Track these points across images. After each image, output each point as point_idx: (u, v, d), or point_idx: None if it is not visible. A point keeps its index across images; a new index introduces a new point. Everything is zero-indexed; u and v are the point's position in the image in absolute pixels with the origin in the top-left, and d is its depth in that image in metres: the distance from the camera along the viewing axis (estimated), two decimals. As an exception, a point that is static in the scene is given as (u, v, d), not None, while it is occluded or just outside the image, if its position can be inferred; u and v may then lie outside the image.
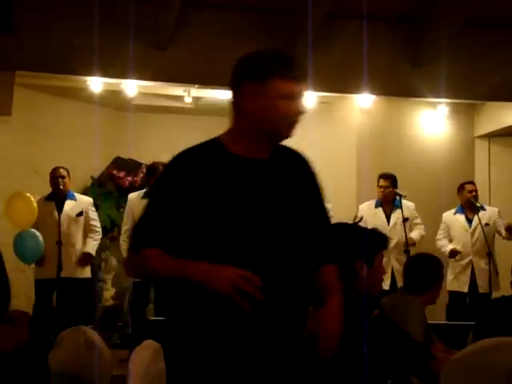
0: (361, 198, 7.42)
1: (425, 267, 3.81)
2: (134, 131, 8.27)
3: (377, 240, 2.83)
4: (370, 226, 6.95)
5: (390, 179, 6.80)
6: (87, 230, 6.57)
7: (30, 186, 7.02)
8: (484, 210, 6.92)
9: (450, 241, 6.96)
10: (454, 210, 7.01)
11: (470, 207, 6.88)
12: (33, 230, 6.22)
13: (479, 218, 6.68)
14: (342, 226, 2.91)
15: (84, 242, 6.55)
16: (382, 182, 6.82)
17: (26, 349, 2.03)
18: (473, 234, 6.80)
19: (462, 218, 6.91)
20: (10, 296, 2.10)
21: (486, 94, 7.22)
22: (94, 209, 6.72)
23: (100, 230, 6.70)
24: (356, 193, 7.82)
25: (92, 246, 6.56)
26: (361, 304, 2.71)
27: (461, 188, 6.97)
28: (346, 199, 7.52)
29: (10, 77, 6.93)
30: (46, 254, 6.23)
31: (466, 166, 8.27)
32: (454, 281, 6.85)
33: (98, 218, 6.72)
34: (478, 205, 6.84)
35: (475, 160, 8.41)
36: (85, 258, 6.51)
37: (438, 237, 6.98)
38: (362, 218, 3.28)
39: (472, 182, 7.11)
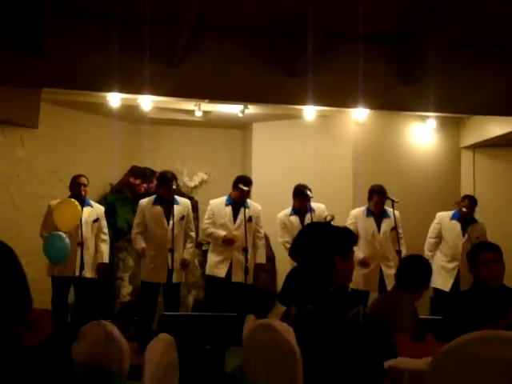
0: (357, 204, 7.41)
1: (418, 268, 3.83)
2: (149, 142, 8.31)
3: (351, 237, 2.91)
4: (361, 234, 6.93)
5: (383, 193, 6.76)
6: (98, 236, 6.66)
7: (54, 193, 7.04)
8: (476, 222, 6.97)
9: (440, 241, 6.97)
10: (450, 215, 6.99)
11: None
12: (60, 232, 6.21)
13: (469, 234, 6.73)
14: (318, 224, 3.06)
15: (97, 249, 6.62)
16: (376, 198, 6.77)
17: (47, 344, 1.97)
18: (464, 244, 6.76)
19: (458, 226, 6.91)
20: (30, 301, 2.00)
21: (472, 108, 7.22)
22: (104, 216, 6.81)
23: (108, 236, 6.80)
24: (352, 199, 7.83)
25: (106, 255, 6.69)
26: (340, 296, 2.72)
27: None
28: (343, 205, 7.51)
29: (37, 93, 6.96)
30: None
31: (452, 174, 8.32)
32: (441, 280, 6.83)
33: (107, 226, 6.80)
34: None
35: (461, 168, 8.42)
36: (103, 265, 6.65)
37: (430, 235, 7.02)
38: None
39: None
